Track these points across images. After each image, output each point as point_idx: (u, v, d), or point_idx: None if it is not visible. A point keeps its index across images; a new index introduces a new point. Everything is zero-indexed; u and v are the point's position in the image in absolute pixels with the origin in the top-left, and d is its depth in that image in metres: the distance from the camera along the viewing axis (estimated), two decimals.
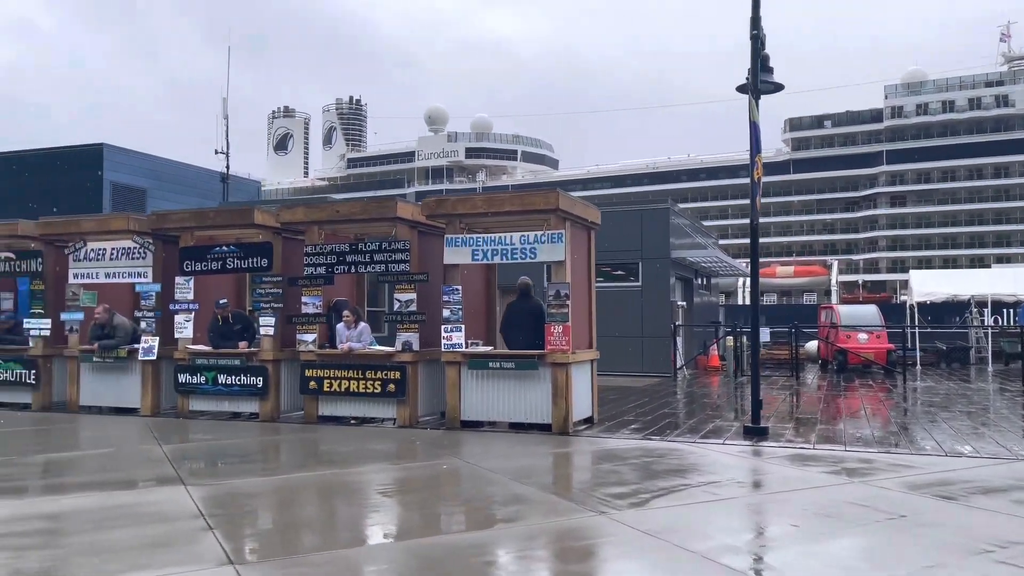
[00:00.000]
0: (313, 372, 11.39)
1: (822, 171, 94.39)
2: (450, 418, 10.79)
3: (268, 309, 11.84)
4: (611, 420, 11.71)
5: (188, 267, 12.31)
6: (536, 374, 10.36)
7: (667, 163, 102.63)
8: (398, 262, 11.15)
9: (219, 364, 11.96)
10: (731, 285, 68.12)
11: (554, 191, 10.04)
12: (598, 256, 21.47)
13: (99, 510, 6.48)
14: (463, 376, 10.75)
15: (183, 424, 11.66)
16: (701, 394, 16.17)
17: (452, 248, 10.85)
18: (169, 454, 9.05)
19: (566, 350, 10.23)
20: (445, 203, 10.60)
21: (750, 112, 10.11)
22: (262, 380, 11.74)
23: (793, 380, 19.59)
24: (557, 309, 10.33)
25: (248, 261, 12.02)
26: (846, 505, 6.57)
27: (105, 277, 12.90)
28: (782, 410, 13.19)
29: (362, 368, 11.15)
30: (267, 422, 11.66)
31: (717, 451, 9.18)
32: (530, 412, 10.44)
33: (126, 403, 12.65)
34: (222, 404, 12.04)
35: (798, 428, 11.01)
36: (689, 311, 24.21)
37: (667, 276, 20.77)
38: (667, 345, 20.54)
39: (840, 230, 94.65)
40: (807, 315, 35.45)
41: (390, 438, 10.17)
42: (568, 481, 8.13)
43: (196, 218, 12.09)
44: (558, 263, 10.37)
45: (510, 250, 10.60)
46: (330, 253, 11.52)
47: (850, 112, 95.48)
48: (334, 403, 11.40)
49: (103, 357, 12.61)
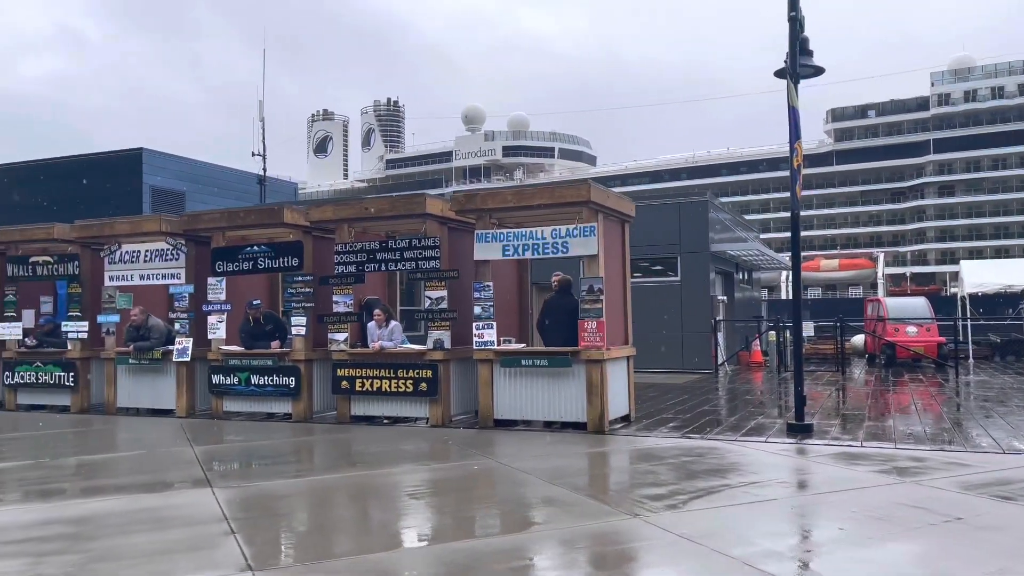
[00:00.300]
0: (345, 372, 11.26)
1: (866, 162, 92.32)
2: (483, 417, 10.57)
3: (299, 309, 11.74)
4: (649, 418, 11.39)
5: (220, 268, 12.27)
6: (570, 371, 10.09)
7: (706, 157, 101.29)
8: (428, 259, 10.97)
9: (252, 365, 11.90)
10: (774, 280, 67.13)
11: (585, 183, 9.76)
12: (635, 251, 21.12)
13: (123, 514, 6.38)
14: (495, 374, 10.52)
15: (217, 425, 11.62)
16: (743, 390, 15.74)
17: (482, 244, 10.63)
18: (200, 456, 8.97)
19: (600, 346, 9.95)
20: (474, 198, 10.39)
21: (789, 97, 9.71)
22: (294, 380, 11.65)
23: (839, 375, 19.02)
24: (590, 304, 10.05)
25: (279, 261, 11.94)
26: (897, 507, 6.20)
27: (139, 279, 12.93)
28: (828, 406, 12.73)
29: (394, 367, 10.99)
30: (300, 422, 11.56)
31: (759, 449, 8.83)
32: (564, 411, 10.18)
33: (162, 404, 12.66)
34: (255, 405, 11.98)
35: (845, 425, 10.58)
36: (730, 306, 23.71)
37: (707, 270, 20.33)
38: (707, 341, 20.11)
39: (886, 222, 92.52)
40: (852, 309, 34.68)
41: (422, 438, 9.99)
42: (602, 482, 7.85)
43: (227, 218, 12.04)
44: (591, 257, 10.09)
45: (541, 245, 10.34)
46: (360, 251, 11.38)
47: (895, 101, 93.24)
48: (366, 403, 11.26)
49: (138, 359, 12.64)
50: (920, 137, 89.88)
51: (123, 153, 24.23)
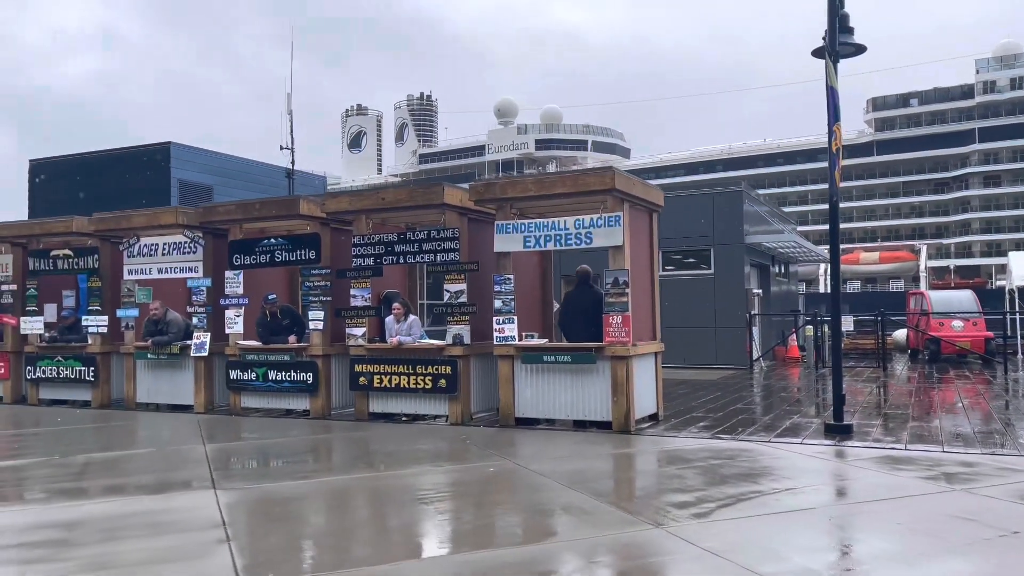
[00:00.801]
0: (363, 367, 10.93)
1: (908, 152, 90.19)
2: (503, 415, 10.17)
3: (317, 303, 11.43)
4: (678, 417, 10.89)
5: (237, 261, 12.01)
6: (594, 368, 9.64)
7: (742, 148, 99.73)
8: (447, 251, 10.58)
9: (269, 360, 11.62)
10: (812, 273, 65.70)
11: (609, 169, 9.28)
12: (667, 243, 20.65)
13: (117, 518, 6.08)
14: (516, 371, 10.11)
15: (234, 422, 11.37)
16: (778, 387, 15.15)
17: (502, 235, 10.21)
18: (211, 454, 8.69)
19: (626, 342, 9.48)
20: (493, 187, 9.96)
21: (827, 76, 9.12)
22: (311, 376, 11.35)
23: (880, 371, 18.30)
24: (616, 298, 9.58)
25: (296, 253, 11.64)
26: (946, 519, 5.67)
27: (157, 273, 12.73)
28: (868, 404, 12.12)
29: (412, 363, 10.62)
30: (318, 419, 11.26)
31: (794, 452, 8.30)
32: (588, 409, 9.73)
33: (181, 400, 12.45)
34: (273, 401, 11.71)
35: (887, 425, 9.99)
36: (766, 299, 23.02)
37: (741, 263, 19.70)
38: (742, 335, 19.49)
39: (928, 213, 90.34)
40: (894, 302, 33.61)
41: (440, 437, 9.61)
42: (624, 487, 7.40)
43: (242, 210, 11.76)
44: (616, 248, 9.61)
45: (564, 235, 9.89)
46: (378, 243, 11.03)
47: (938, 89, 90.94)
48: (384, 399, 10.92)
49: (157, 354, 12.45)
50: (965, 126, 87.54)
51: (152, 147, 24.20)
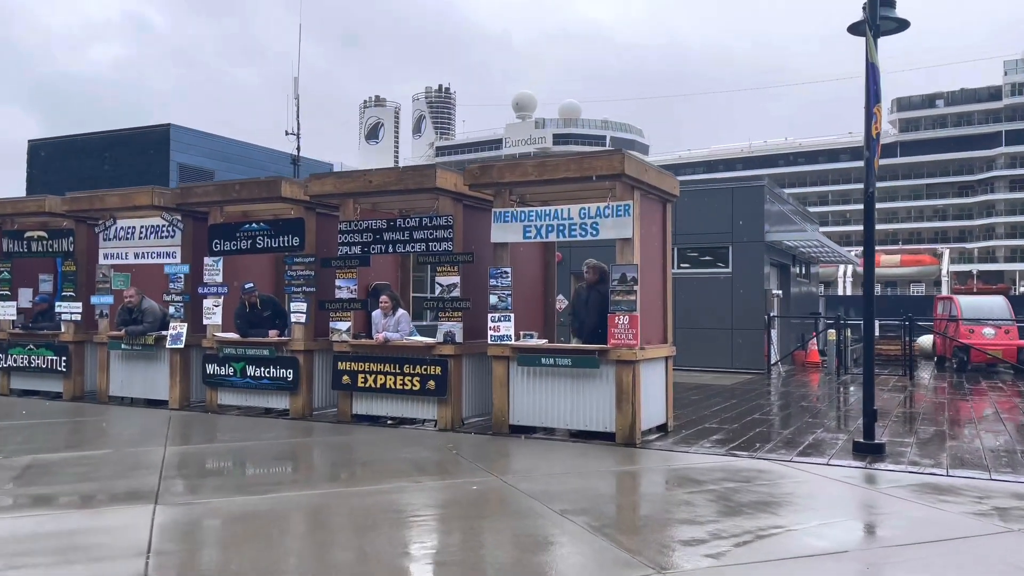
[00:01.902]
0: (346, 365, 10.05)
1: (933, 153, 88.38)
2: (496, 422, 9.25)
3: (299, 293, 10.56)
4: (689, 428, 9.94)
5: (217, 247, 11.15)
6: (596, 373, 8.70)
7: (763, 147, 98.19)
8: (440, 240, 9.66)
9: (247, 354, 10.76)
10: (831, 275, 64.43)
11: (619, 152, 8.32)
12: (683, 239, 19.63)
13: (27, 539, 5.21)
14: (512, 373, 9.19)
15: (207, 420, 10.52)
16: (799, 395, 14.14)
17: (500, 224, 9.28)
18: (168, 458, 7.84)
19: (633, 345, 8.53)
20: (490, 170, 9.03)
21: (867, 52, 8.11)
22: (292, 373, 10.48)
23: (906, 380, 17.23)
24: (623, 296, 8.63)
25: (278, 240, 10.76)
26: (1007, 568, 4.70)
27: (134, 258, 11.89)
28: (899, 418, 11.11)
29: (399, 362, 9.73)
30: (298, 420, 10.40)
31: (819, 475, 7.34)
32: (590, 418, 8.80)
33: (155, 395, 11.63)
34: (251, 398, 10.85)
35: (922, 444, 8.99)
36: (785, 301, 21.97)
37: (761, 261, 18.67)
38: (760, 338, 18.47)
39: (952, 216, 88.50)
40: (916, 306, 32.44)
41: (425, 444, 8.71)
42: (625, 516, 6.46)
43: (221, 191, 10.88)
44: (624, 240, 8.66)
45: (567, 226, 8.95)
46: (366, 231, 10.13)
47: (965, 90, 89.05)
48: (369, 401, 10.03)
49: (131, 344, 11.62)
50: (991, 128, 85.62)
51: (151, 129, 23.45)
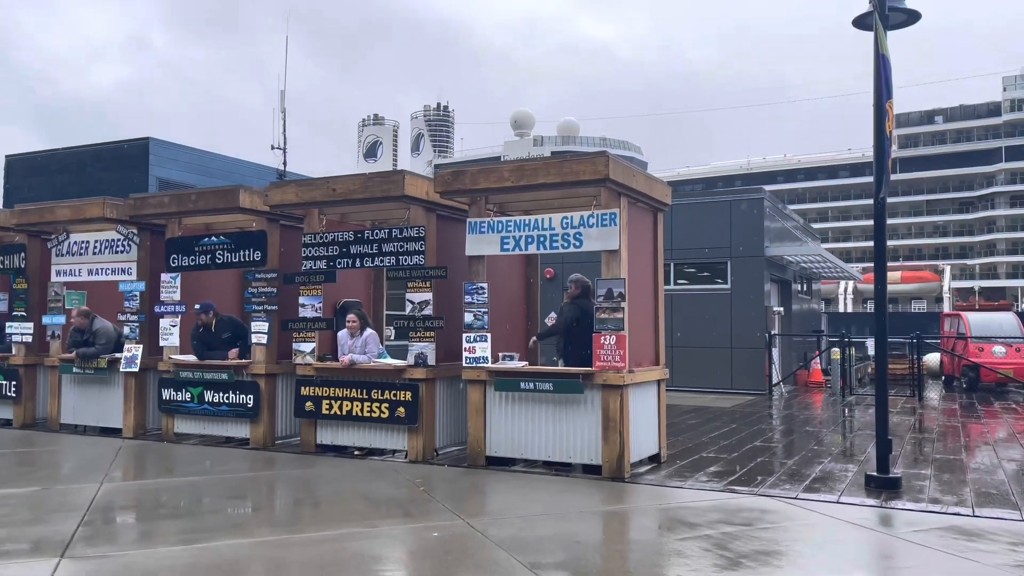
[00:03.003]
0: (310, 390, 9.21)
1: (933, 170, 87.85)
2: (472, 453, 8.40)
3: (261, 312, 9.74)
4: (684, 457, 9.09)
5: (175, 262, 10.34)
6: (580, 399, 7.86)
7: (762, 164, 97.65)
8: (411, 253, 8.86)
9: (205, 379, 9.93)
10: (831, 292, 63.54)
11: (603, 155, 7.52)
12: (680, 254, 18.83)
13: None
14: (489, 399, 8.35)
15: (161, 451, 9.67)
16: (802, 418, 13.28)
17: (475, 235, 8.48)
18: (99, 500, 6.98)
19: (620, 367, 7.70)
20: (463, 176, 8.23)
21: (877, 43, 7.33)
22: (252, 399, 9.64)
23: (915, 401, 16.39)
24: (609, 314, 7.81)
25: (239, 254, 9.95)
26: None
27: (88, 274, 11.09)
28: (912, 444, 10.25)
29: (366, 387, 8.89)
30: (259, 450, 9.54)
31: (828, 516, 6.48)
32: (574, 449, 7.95)
33: (109, 422, 10.78)
34: (210, 427, 10.00)
35: (941, 475, 8.13)
36: (787, 318, 21.14)
37: (761, 277, 17.87)
38: (761, 357, 17.63)
39: (953, 233, 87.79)
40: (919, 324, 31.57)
41: (390, 480, 7.85)
42: (606, 571, 5.60)
43: (177, 202, 10.08)
44: (610, 252, 7.85)
45: (548, 237, 8.14)
46: (331, 243, 9.32)
47: (964, 106, 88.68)
48: (334, 429, 9.19)
49: (83, 368, 10.78)
50: (991, 144, 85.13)
51: (130, 143, 22.71)
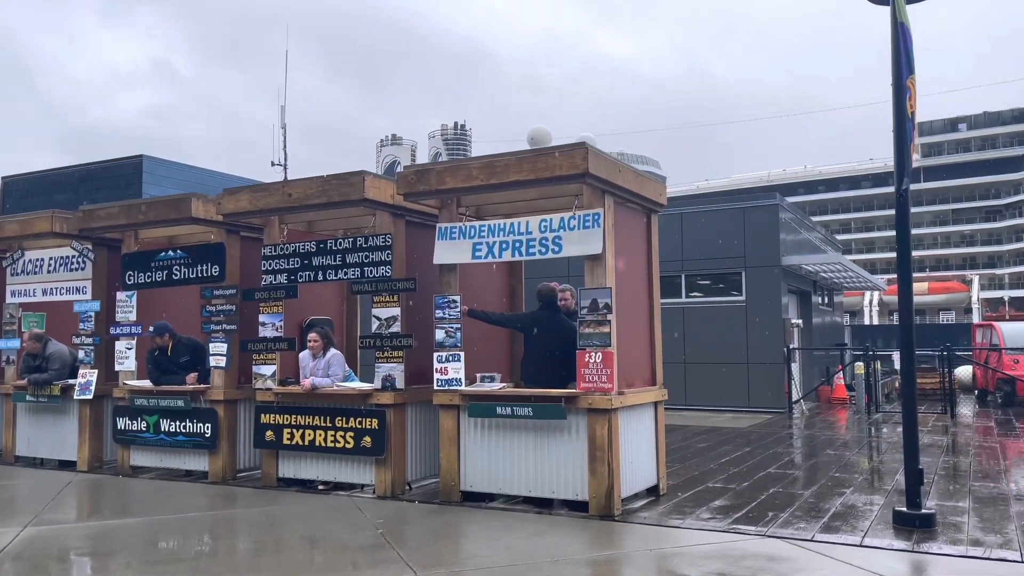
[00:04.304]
0: (270, 418, 8.32)
1: (957, 178, 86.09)
2: (445, 488, 7.45)
3: (219, 332, 8.88)
4: (688, 488, 8.08)
5: (130, 279, 9.53)
6: (564, 426, 6.91)
7: (782, 176, 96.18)
8: (376, 264, 7.97)
9: (160, 406, 9.07)
10: (856, 304, 61.94)
11: (582, 146, 6.60)
12: (692, 265, 17.83)
13: None
14: (463, 427, 7.41)
15: (112, 487, 8.81)
16: (824, 440, 12.19)
17: (445, 241, 7.58)
18: (9, 550, 6.12)
19: (607, 389, 6.74)
20: (427, 175, 7.33)
21: (895, 11, 6.36)
22: (210, 427, 8.76)
23: (947, 418, 15.22)
24: (594, 328, 6.86)
25: (197, 269, 9.12)
26: None
27: (42, 294, 10.32)
28: (946, 471, 9.17)
29: (330, 413, 7.99)
30: (217, 484, 8.66)
31: (849, 563, 5.46)
32: (557, 483, 6.98)
33: (65, 454, 9.96)
34: (167, 459, 9.13)
35: (981, 509, 7.07)
36: (807, 331, 20.02)
37: (778, 288, 16.82)
38: (779, 373, 16.55)
39: (980, 242, 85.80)
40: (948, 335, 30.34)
41: (350, 521, 6.92)
42: None
43: (126, 213, 9.27)
44: (593, 258, 6.92)
45: (525, 242, 7.22)
46: (292, 255, 8.46)
47: (988, 113, 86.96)
48: (297, 461, 8.28)
49: (36, 395, 9.99)
50: (1017, 151, 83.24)
51: (124, 161, 22.13)
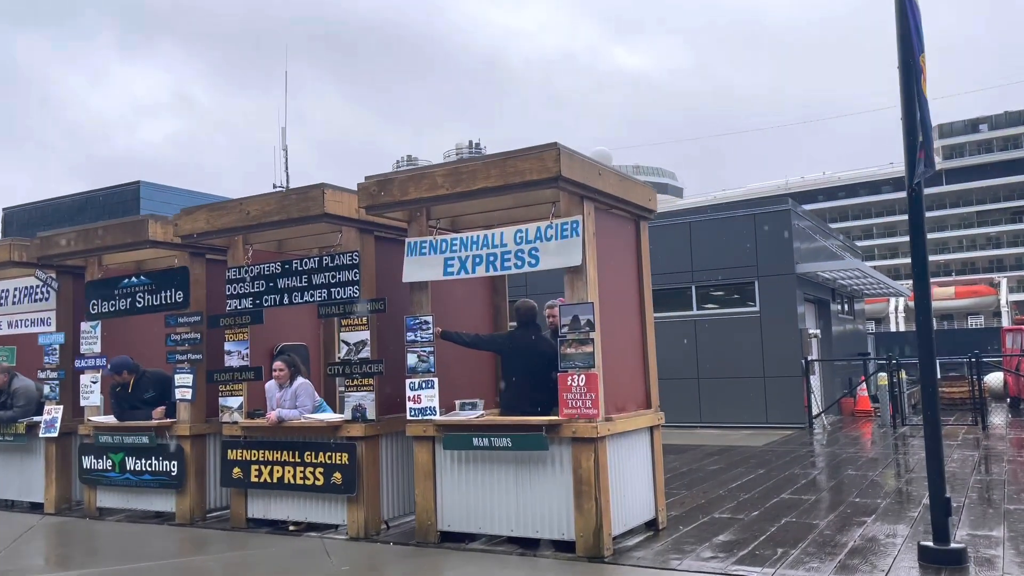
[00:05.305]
0: (237, 454, 7.71)
1: (981, 180, 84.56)
2: (420, 527, 6.79)
3: (184, 363, 8.31)
4: (691, 520, 7.35)
5: (95, 308, 8.99)
6: (546, 457, 6.24)
7: (800, 183, 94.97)
8: (344, 284, 7.36)
9: (125, 443, 8.49)
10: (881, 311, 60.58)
11: (553, 147, 5.96)
12: (702, 275, 17.07)
13: None
14: (439, 460, 6.76)
15: (74, 531, 8.23)
16: (845, 457, 11.39)
17: (415, 258, 6.96)
18: None
19: (593, 415, 6.07)
20: (389, 185, 6.72)
21: None
22: (177, 465, 8.17)
23: (978, 430, 14.35)
24: (576, 347, 6.19)
25: (160, 295, 8.55)
26: None
27: (8, 327, 9.82)
28: (978, 492, 8.36)
29: (299, 448, 7.36)
30: (185, 526, 8.05)
31: None
32: (541, 520, 6.29)
33: (33, 495, 9.42)
34: (134, 500, 8.54)
35: (1018, 541, 6.29)
36: (826, 341, 19.17)
37: (793, 297, 16.05)
38: (798, 386, 15.75)
39: (1007, 244, 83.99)
40: (976, 341, 29.29)
41: (316, 567, 6.27)
42: None
43: (84, 238, 8.73)
44: (573, 270, 6.26)
45: (500, 255, 6.58)
46: (256, 278, 7.87)
47: (1009, 113, 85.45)
48: (266, 500, 7.66)
49: (2, 434, 9.46)
50: None
51: (122, 188, 21.78)
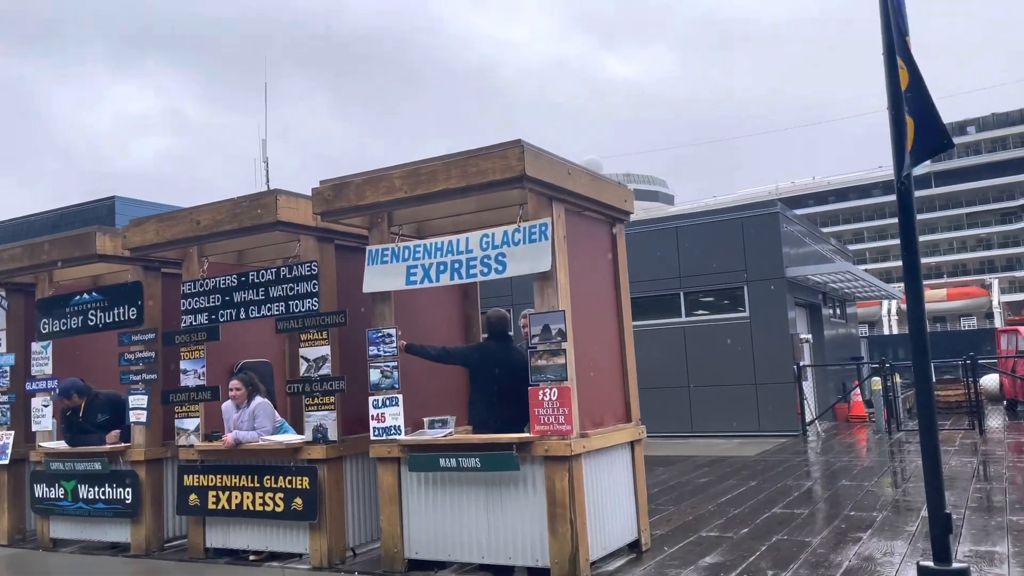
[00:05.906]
0: (193, 479, 7.24)
1: (970, 182, 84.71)
2: (387, 556, 6.32)
3: (139, 383, 7.84)
4: (676, 539, 6.91)
5: (45, 327, 8.52)
6: (517, 478, 5.79)
7: (791, 188, 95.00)
8: (302, 297, 6.91)
9: (77, 470, 8.01)
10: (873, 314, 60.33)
11: (517, 144, 5.55)
12: (691, 281, 16.69)
13: None
14: (404, 483, 6.31)
15: (27, 564, 7.74)
16: (839, 467, 10.96)
17: (376, 266, 6.53)
18: None
19: (566, 431, 5.63)
20: (345, 189, 6.28)
21: None
22: (131, 492, 7.69)
23: (974, 433, 13.95)
24: (547, 359, 5.76)
25: (113, 312, 8.09)
26: None
27: None
28: (979, 501, 7.94)
29: (258, 472, 6.91)
30: (140, 557, 7.57)
31: None
32: (514, 546, 5.84)
33: None
34: (88, 530, 8.06)
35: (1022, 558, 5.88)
36: (818, 346, 18.78)
37: (783, 302, 15.67)
38: (790, 393, 15.35)
39: (998, 245, 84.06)
40: (970, 342, 29.02)
41: None
42: None
43: (30, 254, 8.27)
44: (543, 276, 5.83)
45: (466, 262, 6.15)
46: (212, 292, 7.42)
47: (996, 115, 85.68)
48: (224, 528, 7.19)
49: None
50: None
51: (96, 204, 21.35)
